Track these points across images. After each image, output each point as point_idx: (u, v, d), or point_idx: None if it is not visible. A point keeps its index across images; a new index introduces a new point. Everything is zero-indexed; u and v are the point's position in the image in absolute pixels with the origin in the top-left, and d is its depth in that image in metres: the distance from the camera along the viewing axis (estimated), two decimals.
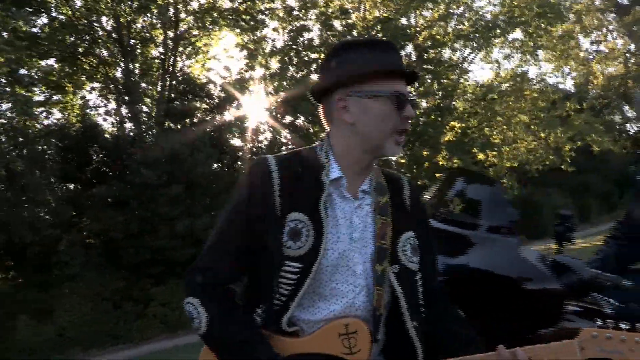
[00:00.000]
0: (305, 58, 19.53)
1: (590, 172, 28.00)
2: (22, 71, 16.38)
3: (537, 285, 1.89)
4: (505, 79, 22.65)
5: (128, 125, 17.57)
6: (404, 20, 21.74)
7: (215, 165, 16.80)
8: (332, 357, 1.47)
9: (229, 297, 1.54)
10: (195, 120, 17.45)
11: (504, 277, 1.93)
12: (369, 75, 1.52)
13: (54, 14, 16.79)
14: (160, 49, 18.64)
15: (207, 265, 1.54)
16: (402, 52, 20.18)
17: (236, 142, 18.57)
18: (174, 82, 18.30)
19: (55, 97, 18.89)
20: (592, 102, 31.66)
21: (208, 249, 1.56)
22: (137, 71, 18.50)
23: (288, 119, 18.92)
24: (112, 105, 19.04)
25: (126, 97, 17.23)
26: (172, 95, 17.87)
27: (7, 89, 10.58)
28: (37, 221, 12.12)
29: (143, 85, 18.67)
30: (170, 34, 18.28)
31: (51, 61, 17.87)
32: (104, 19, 17.63)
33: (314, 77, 18.39)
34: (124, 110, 17.72)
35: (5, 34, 12.90)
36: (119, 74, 18.34)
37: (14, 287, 13.39)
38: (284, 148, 17.57)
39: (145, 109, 18.56)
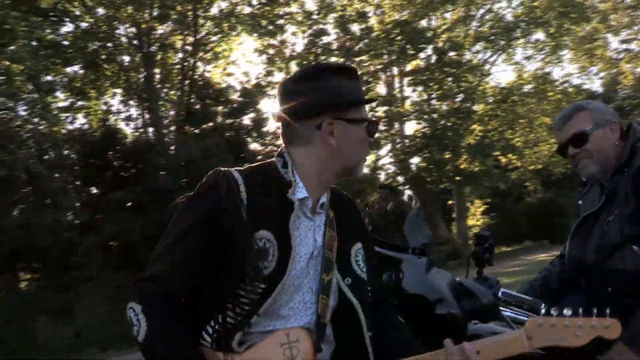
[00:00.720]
0: (324, 62, 19.62)
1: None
2: (48, 77, 17.18)
3: (439, 308, 1.92)
4: (527, 80, 22.38)
5: (149, 130, 17.93)
6: (423, 23, 21.72)
7: None
8: None
9: (173, 311, 1.46)
10: (214, 124, 17.70)
11: (412, 295, 1.96)
12: (355, 103, 1.61)
13: (77, 23, 17.23)
14: (180, 55, 18.92)
15: (159, 274, 1.47)
16: (422, 55, 20.17)
17: (255, 146, 18.77)
18: (193, 88, 18.55)
19: (79, 103, 19.51)
20: (621, 102, 31.02)
21: (162, 256, 1.49)
22: (157, 77, 18.85)
23: None
24: (134, 110, 19.49)
25: (146, 103, 17.54)
26: (192, 100, 18.12)
27: (26, 95, 10.90)
28: (56, 224, 12.44)
29: (163, 90, 18.98)
30: (190, 39, 18.56)
31: (75, 68, 18.40)
32: (124, 26, 17.97)
33: None
34: (144, 116, 18.04)
35: (30, 42, 13.35)
36: (139, 80, 18.68)
37: (36, 288, 13.76)
38: None
39: (165, 114, 18.98)
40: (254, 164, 1.66)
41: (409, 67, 20.62)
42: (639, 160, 2.03)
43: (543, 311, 1.42)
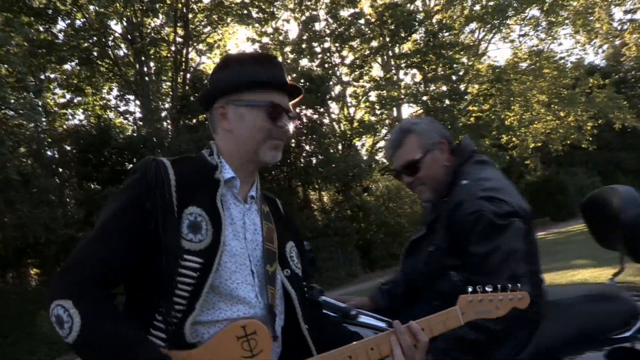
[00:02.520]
0: (317, 49, 19.68)
1: (619, 149, 27.09)
2: (42, 76, 17.45)
3: None
4: (523, 58, 22.22)
5: (144, 124, 18.15)
6: (418, 4, 21.61)
7: None
8: None
9: (106, 297, 1.39)
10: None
11: None
12: (247, 87, 1.57)
13: (68, 21, 17.43)
14: (172, 48, 19.06)
15: (82, 263, 1.39)
16: (415, 37, 20.09)
17: None
18: (186, 79, 18.70)
19: (77, 100, 19.84)
20: (624, 74, 30.60)
21: (84, 247, 1.42)
22: (150, 71, 19.04)
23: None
24: (130, 105, 19.76)
25: (140, 97, 17.74)
26: (186, 92, 18.28)
27: (15, 96, 11.08)
28: (52, 222, 12.72)
29: (157, 84, 19.17)
30: (180, 32, 18.68)
31: (69, 66, 18.64)
32: (114, 22, 18.13)
33: (318, 68, 18.56)
34: (138, 110, 18.28)
35: (16, 42, 13.55)
36: (133, 74, 18.89)
37: (38, 284, 14.11)
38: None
39: (160, 107, 19.20)
40: (184, 155, 1.67)
41: (399, 50, 20.56)
42: (459, 191, 2.02)
43: (470, 289, 1.54)
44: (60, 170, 16.11)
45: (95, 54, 18.22)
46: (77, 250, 1.43)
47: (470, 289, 1.55)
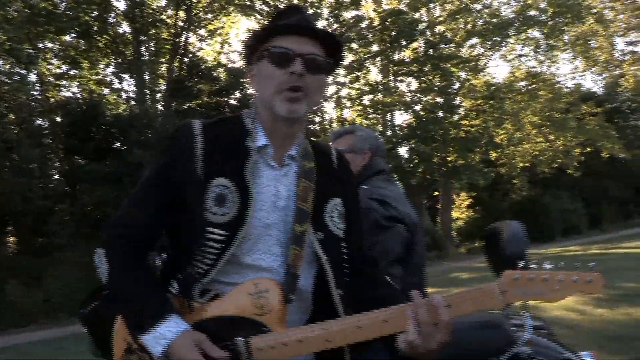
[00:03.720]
0: None
1: (607, 177, 27.34)
2: (39, 46, 17.46)
3: None
4: (520, 78, 22.39)
5: (136, 104, 18.19)
6: (422, 13, 21.70)
7: None
8: (242, 319, 1.41)
9: (135, 253, 1.51)
10: (201, 102, 17.91)
11: None
12: (259, 40, 1.50)
13: None
14: (172, 31, 19.08)
15: (120, 220, 1.54)
16: (415, 45, 20.20)
17: None
18: (182, 64, 18.74)
19: (72, 72, 19.82)
20: (620, 104, 30.85)
21: (125, 206, 1.55)
22: (148, 51, 19.05)
23: None
24: (125, 84, 19.80)
25: (135, 77, 17.77)
26: (180, 76, 18.32)
27: (5, 67, 11.10)
28: (30, 192, 12.76)
29: (153, 66, 19.19)
30: (182, 14, 18.69)
31: (68, 38, 18.61)
32: None
33: None
34: (132, 89, 18.30)
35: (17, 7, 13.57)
36: (131, 53, 18.90)
37: (12, 253, 14.13)
38: None
39: (154, 88, 19.25)
40: (222, 116, 1.65)
41: (398, 57, 20.68)
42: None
43: (522, 263, 1.31)
44: (49, 141, 16.14)
45: (95, 28, 18.21)
46: (120, 208, 1.57)
47: (522, 263, 1.32)
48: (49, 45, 18.60)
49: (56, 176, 16.21)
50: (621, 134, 24.69)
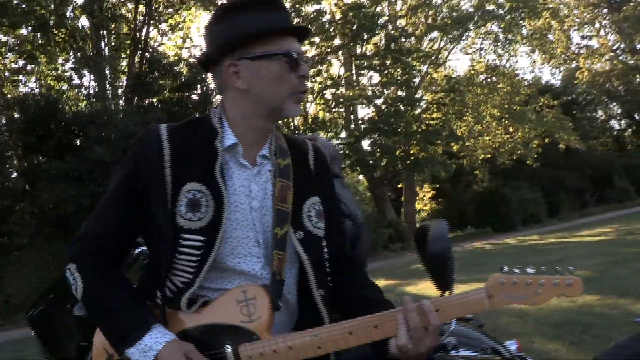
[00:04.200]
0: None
1: (564, 168, 28.15)
2: None
3: None
4: (480, 71, 22.83)
5: (97, 100, 17.90)
6: (384, 6, 21.90)
7: None
8: (231, 327, 1.39)
9: (108, 264, 1.46)
10: (163, 98, 17.72)
11: None
12: (259, 37, 1.42)
13: None
14: (132, 26, 18.82)
15: (89, 232, 1.46)
16: (373, 40, 20.40)
17: None
18: (143, 59, 18.51)
19: (29, 67, 19.38)
20: (577, 96, 31.76)
21: (93, 218, 1.48)
22: (107, 47, 18.76)
23: None
24: (85, 79, 19.42)
25: (94, 72, 17.49)
26: (141, 71, 18.09)
27: None
28: None
29: (114, 61, 18.91)
30: (142, 9, 18.45)
31: (24, 32, 18.19)
32: None
33: None
34: (92, 85, 18.01)
35: None
36: (90, 48, 18.58)
37: None
38: None
39: (115, 84, 18.97)
40: (189, 118, 1.60)
41: (360, 51, 20.84)
42: None
43: (506, 269, 1.35)
44: (6, 138, 15.77)
45: (52, 22, 17.82)
46: (87, 220, 1.49)
47: (505, 268, 1.36)
48: (3, 39, 18.24)
49: (14, 174, 15.85)
50: (577, 126, 25.43)
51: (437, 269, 2.05)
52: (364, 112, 46.17)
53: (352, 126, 22.21)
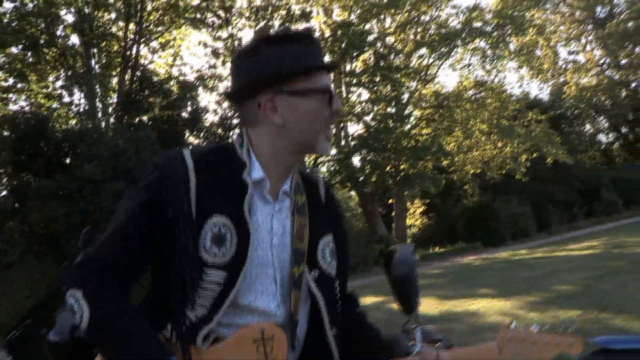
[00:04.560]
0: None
1: (553, 181, 28.39)
2: None
3: None
4: (468, 87, 23.10)
5: (87, 118, 17.95)
6: (373, 25, 22.16)
7: None
8: None
9: (120, 292, 1.37)
10: (154, 115, 17.80)
11: None
12: (300, 72, 1.40)
13: (16, 3, 17.08)
14: (122, 44, 18.94)
15: (97, 256, 1.38)
16: (362, 57, 20.63)
17: (193, 140, 18.92)
18: (134, 77, 18.61)
19: (19, 85, 19.42)
20: (565, 111, 32.15)
21: (102, 242, 1.40)
22: (98, 65, 18.86)
23: None
24: (75, 97, 19.50)
25: (85, 90, 17.55)
26: (131, 89, 18.18)
27: None
28: None
29: (104, 79, 19.00)
30: (132, 27, 18.58)
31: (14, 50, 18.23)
32: (65, 11, 17.90)
33: None
34: (83, 103, 18.06)
35: None
36: (80, 67, 18.66)
37: None
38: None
39: (105, 102, 19.05)
40: (212, 145, 1.58)
41: (349, 68, 21.08)
42: None
43: (514, 324, 1.50)
44: None
45: (42, 41, 17.91)
46: (94, 244, 1.42)
47: (513, 324, 1.50)
48: None
49: (4, 192, 15.84)
50: (565, 140, 25.69)
51: (401, 292, 2.12)
52: (354, 128, 46.39)
53: (342, 143, 22.40)
